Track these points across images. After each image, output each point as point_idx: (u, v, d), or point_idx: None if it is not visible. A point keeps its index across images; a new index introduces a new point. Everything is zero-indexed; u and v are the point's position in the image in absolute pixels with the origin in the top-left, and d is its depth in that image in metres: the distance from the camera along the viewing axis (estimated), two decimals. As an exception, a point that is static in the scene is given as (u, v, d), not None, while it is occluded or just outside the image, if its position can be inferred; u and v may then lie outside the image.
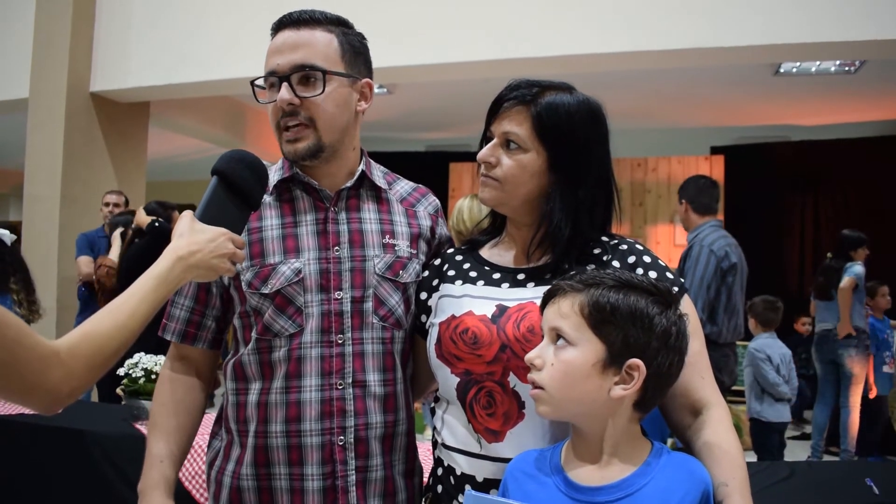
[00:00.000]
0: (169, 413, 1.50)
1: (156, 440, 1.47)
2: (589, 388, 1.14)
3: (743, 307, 4.06)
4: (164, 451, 1.45)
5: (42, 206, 5.77)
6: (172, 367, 1.55)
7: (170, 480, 1.44)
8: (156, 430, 1.48)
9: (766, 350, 4.69)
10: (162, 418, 1.49)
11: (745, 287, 4.05)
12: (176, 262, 1.20)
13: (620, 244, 1.41)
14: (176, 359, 1.55)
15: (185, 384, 1.53)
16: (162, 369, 1.57)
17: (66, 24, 5.70)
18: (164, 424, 1.48)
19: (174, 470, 1.46)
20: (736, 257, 3.92)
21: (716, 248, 3.90)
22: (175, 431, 1.48)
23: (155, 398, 1.54)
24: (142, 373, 2.92)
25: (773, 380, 4.56)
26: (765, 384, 4.59)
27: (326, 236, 1.49)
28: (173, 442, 1.47)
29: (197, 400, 1.54)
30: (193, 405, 1.53)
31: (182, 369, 1.54)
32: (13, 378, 0.93)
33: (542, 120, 1.34)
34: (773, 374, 4.58)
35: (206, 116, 7.51)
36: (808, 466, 2.75)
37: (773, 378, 4.56)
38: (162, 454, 1.45)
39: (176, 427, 1.48)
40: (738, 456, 1.23)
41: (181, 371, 1.54)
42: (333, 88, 1.45)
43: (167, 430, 1.48)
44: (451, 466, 1.38)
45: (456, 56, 4.94)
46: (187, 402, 1.52)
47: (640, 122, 8.12)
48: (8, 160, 10.07)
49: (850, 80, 6.48)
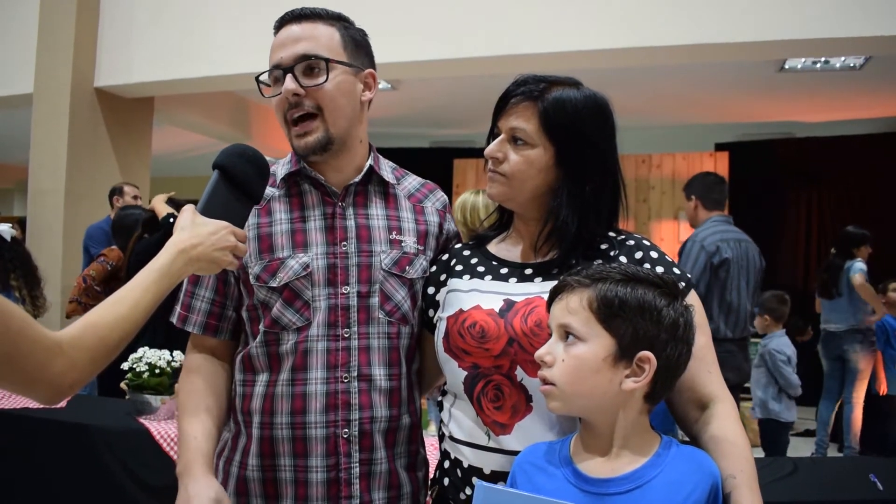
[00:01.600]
0: (197, 397, 1.49)
1: (187, 423, 1.45)
2: (600, 383, 1.15)
3: (750, 303, 4.05)
4: (196, 429, 1.43)
5: (47, 200, 5.77)
6: (195, 358, 1.55)
7: (207, 454, 1.40)
8: (185, 414, 1.47)
9: (786, 350, 4.65)
10: (190, 403, 1.48)
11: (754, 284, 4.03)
12: (178, 255, 1.21)
13: (627, 240, 1.41)
14: (198, 349, 1.56)
15: (208, 370, 1.53)
16: (185, 361, 1.58)
17: (71, 20, 5.69)
18: (192, 407, 1.47)
19: (209, 444, 1.43)
20: (729, 252, 3.89)
21: (707, 243, 3.89)
22: (205, 412, 1.46)
23: (180, 388, 1.54)
24: (146, 367, 2.93)
25: (795, 381, 4.54)
26: (786, 386, 4.55)
27: (334, 231, 1.50)
28: (205, 420, 1.45)
29: (222, 385, 1.54)
30: (219, 389, 1.53)
31: (204, 358, 1.55)
32: (16, 369, 0.94)
33: (550, 116, 1.35)
34: (795, 376, 4.56)
35: (210, 112, 7.51)
36: (811, 462, 2.76)
37: (795, 380, 4.53)
38: (195, 432, 1.43)
39: (205, 408, 1.47)
40: (745, 449, 1.24)
41: (204, 360, 1.55)
42: (337, 75, 1.46)
43: (196, 411, 1.46)
44: (458, 459, 1.39)
45: (460, 52, 4.93)
46: (213, 386, 1.52)
47: (644, 119, 8.11)
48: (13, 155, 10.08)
49: (854, 77, 6.46)
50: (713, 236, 3.93)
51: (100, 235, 5.17)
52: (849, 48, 4.71)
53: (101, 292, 4.53)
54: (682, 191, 4.45)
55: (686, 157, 8.44)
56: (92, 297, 4.53)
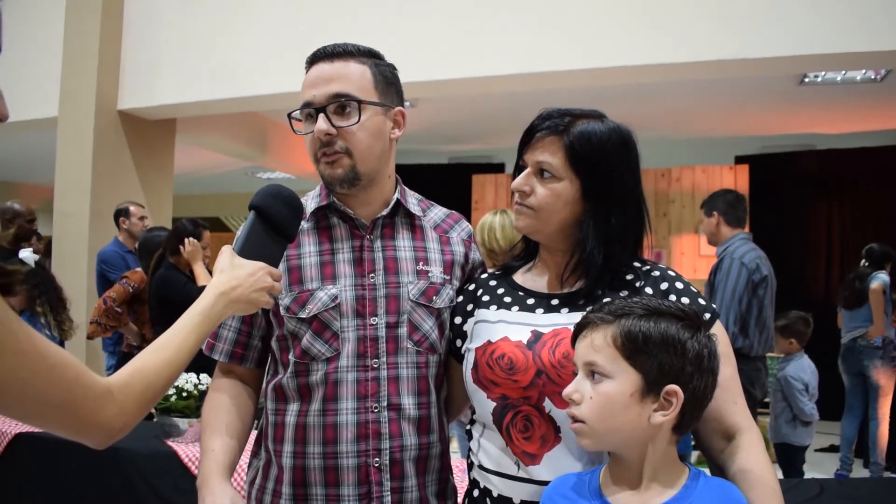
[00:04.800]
0: (219, 414, 1.52)
1: (207, 437, 1.48)
2: (629, 418, 1.16)
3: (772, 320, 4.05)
4: (215, 443, 1.46)
5: (72, 221, 5.85)
6: (220, 382, 1.59)
7: (224, 465, 1.43)
8: (207, 430, 1.50)
9: (803, 377, 4.55)
10: (212, 420, 1.51)
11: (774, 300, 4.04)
12: (218, 298, 1.25)
13: (653, 270, 1.43)
14: (224, 375, 1.60)
15: (233, 392, 1.56)
16: (211, 385, 1.61)
17: (94, 44, 5.79)
18: (214, 424, 1.50)
19: (228, 457, 1.45)
20: (767, 270, 3.92)
21: (747, 260, 3.90)
22: (226, 427, 1.49)
23: (204, 408, 1.57)
24: (173, 390, 2.96)
25: (810, 411, 4.47)
26: (800, 414, 4.49)
27: (362, 264, 1.52)
28: (224, 435, 1.48)
29: (245, 406, 1.56)
30: (242, 409, 1.55)
31: (230, 382, 1.58)
32: (70, 416, 0.97)
33: (575, 149, 1.37)
34: (810, 406, 4.49)
35: (229, 132, 7.59)
36: (837, 484, 2.74)
37: (809, 410, 4.47)
38: (213, 445, 1.45)
39: (227, 424, 1.50)
40: (772, 480, 1.25)
41: (229, 383, 1.58)
42: (368, 117, 1.48)
43: (217, 427, 1.49)
44: (487, 488, 1.40)
45: (479, 71, 4.95)
46: (237, 406, 1.54)
47: (664, 133, 8.10)
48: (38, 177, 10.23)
49: (876, 89, 6.42)
50: (750, 253, 3.94)
51: (116, 260, 5.19)
52: (870, 62, 4.69)
53: (121, 314, 4.59)
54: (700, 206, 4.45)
55: (706, 171, 8.41)
56: (112, 318, 4.58)
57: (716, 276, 3.98)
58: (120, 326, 4.67)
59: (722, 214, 4.13)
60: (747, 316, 3.86)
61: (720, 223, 4.13)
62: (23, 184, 11.89)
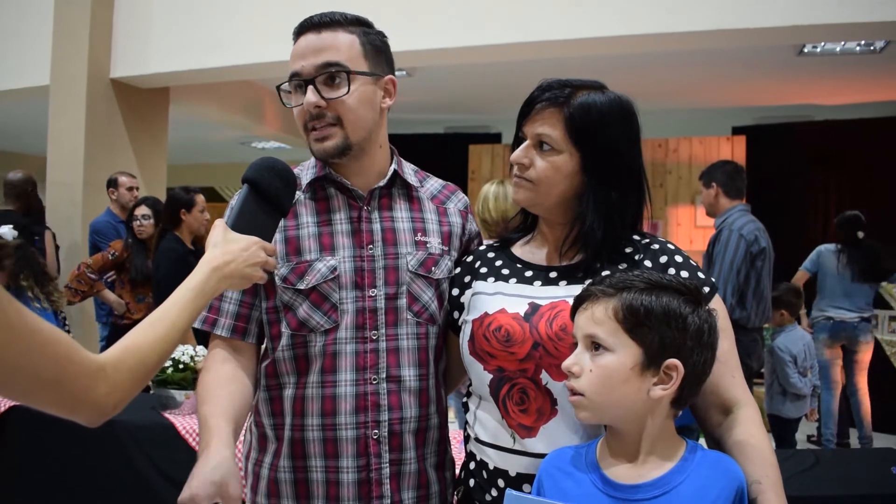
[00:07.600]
0: (216, 385, 1.43)
1: (204, 407, 1.38)
2: (628, 392, 1.16)
3: (770, 292, 4.06)
4: (212, 410, 1.36)
5: (65, 191, 5.82)
6: (217, 356, 1.50)
7: (223, 430, 1.31)
8: (203, 401, 1.40)
9: (791, 349, 4.57)
10: (208, 391, 1.42)
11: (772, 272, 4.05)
12: (211, 273, 1.23)
13: (652, 244, 1.42)
14: (221, 348, 1.51)
15: (231, 365, 1.48)
16: (205, 360, 1.53)
17: (86, 11, 5.71)
18: (211, 394, 1.40)
19: (226, 422, 1.34)
20: (765, 242, 3.93)
21: (745, 231, 3.90)
22: (223, 397, 1.40)
23: (200, 381, 1.48)
24: (170, 362, 2.96)
25: (797, 383, 4.49)
26: (787, 385, 4.52)
27: (360, 235, 1.51)
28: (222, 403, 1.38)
29: (243, 375, 1.48)
30: (240, 378, 1.47)
31: (226, 356, 1.49)
32: (63, 393, 0.96)
33: (576, 122, 1.35)
34: (797, 377, 4.50)
35: (224, 101, 7.52)
36: (832, 454, 2.76)
37: (795, 381, 4.49)
38: (211, 412, 1.35)
39: (225, 394, 1.41)
40: (769, 454, 1.25)
41: (226, 358, 1.49)
42: (358, 87, 1.46)
43: (214, 397, 1.40)
44: (483, 461, 1.40)
45: (476, 39, 4.90)
46: (235, 377, 1.46)
47: (660, 103, 8.04)
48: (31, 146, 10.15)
49: (874, 60, 6.37)
50: (749, 225, 3.93)
51: (108, 230, 5.20)
52: (869, 32, 4.65)
53: (95, 280, 4.71)
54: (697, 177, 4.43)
55: (703, 142, 8.37)
56: (84, 283, 4.70)
57: (714, 247, 3.98)
58: (92, 292, 4.75)
59: (721, 186, 4.11)
60: (745, 287, 3.87)
61: (719, 194, 4.12)
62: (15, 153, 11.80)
